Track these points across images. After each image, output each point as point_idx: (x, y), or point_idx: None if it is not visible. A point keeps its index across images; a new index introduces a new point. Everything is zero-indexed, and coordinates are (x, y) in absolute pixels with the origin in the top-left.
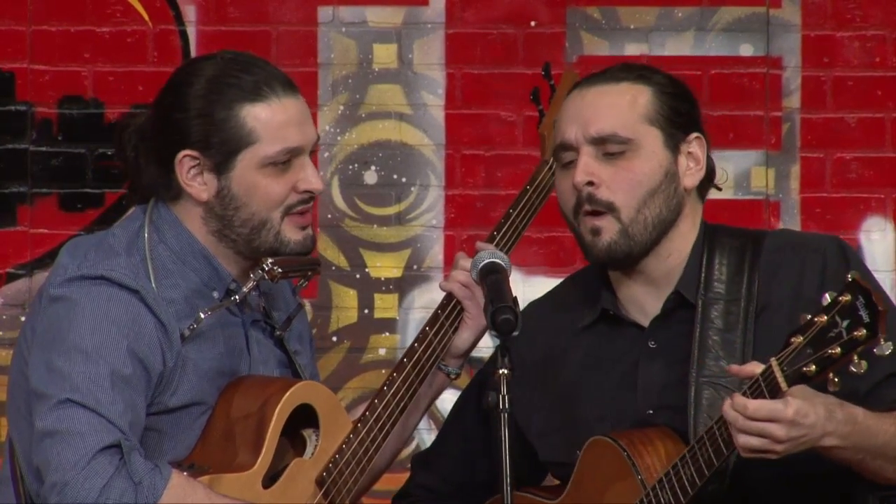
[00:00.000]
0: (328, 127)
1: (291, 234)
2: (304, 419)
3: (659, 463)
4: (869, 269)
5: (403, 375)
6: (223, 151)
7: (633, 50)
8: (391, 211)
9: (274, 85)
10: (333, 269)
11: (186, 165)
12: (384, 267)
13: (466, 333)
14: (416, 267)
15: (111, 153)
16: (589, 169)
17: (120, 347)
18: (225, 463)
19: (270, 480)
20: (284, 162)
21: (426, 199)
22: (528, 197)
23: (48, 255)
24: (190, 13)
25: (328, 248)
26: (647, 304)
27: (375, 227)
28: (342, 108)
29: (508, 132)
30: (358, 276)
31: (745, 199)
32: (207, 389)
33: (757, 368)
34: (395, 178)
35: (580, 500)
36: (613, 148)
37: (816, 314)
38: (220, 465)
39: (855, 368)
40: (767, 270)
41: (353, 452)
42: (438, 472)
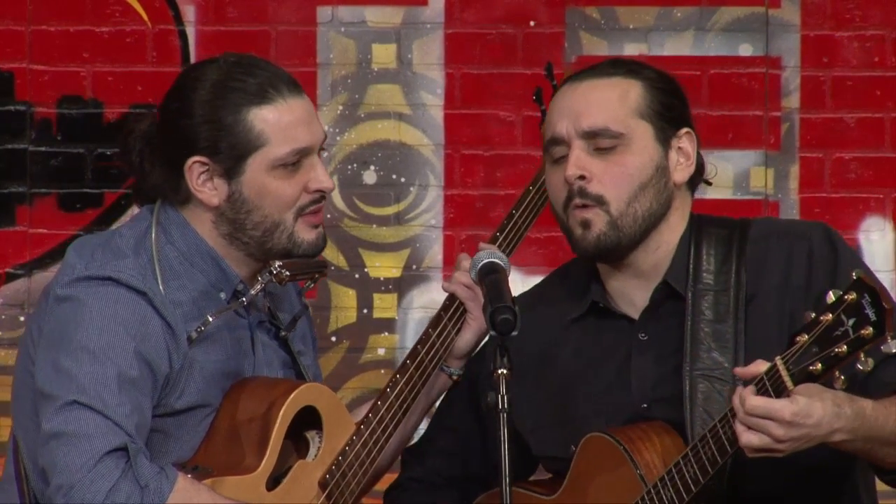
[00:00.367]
0: (327, 127)
1: (304, 234)
2: (307, 421)
3: (658, 459)
4: (855, 252)
5: (406, 377)
6: (233, 156)
7: (632, 50)
8: (390, 211)
9: (279, 86)
10: (332, 269)
11: (196, 172)
12: (383, 267)
13: (469, 334)
14: (415, 267)
15: (110, 153)
16: (580, 163)
17: (127, 349)
18: (229, 465)
19: (274, 482)
20: (294, 163)
21: (425, 199)
22: (530, 197)
23: (47, 255)
24: (189, 13)
25: (327, 248)
26: (636, 296)
27: (374, 227)
28: (341, 108)
29: (508, 132)
30: (357, 276)
31: (744, 199)
32: (213, 391)
33: (761, 367)
34: (394, 178)
35: (579, 498)
36: (605, 143)
37: (821, 312)
38: (224, 466)
39: (861, 366)
40: (755, 259)
41: (356, 454)
42: (430, 464)
